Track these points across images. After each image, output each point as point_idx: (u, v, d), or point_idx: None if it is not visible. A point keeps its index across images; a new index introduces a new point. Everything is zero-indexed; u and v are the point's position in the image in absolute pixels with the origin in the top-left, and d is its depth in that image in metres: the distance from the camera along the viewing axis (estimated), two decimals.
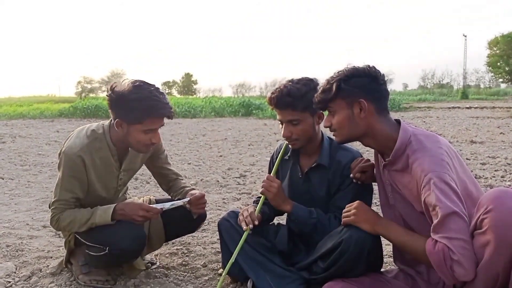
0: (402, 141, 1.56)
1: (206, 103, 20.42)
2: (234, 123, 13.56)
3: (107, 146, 2.00)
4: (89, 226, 1.96)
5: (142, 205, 2.02)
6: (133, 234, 1.98)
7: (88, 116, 15.65)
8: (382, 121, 1.61)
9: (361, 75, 1.60)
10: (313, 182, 2.00)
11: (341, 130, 1.65)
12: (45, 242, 2.78)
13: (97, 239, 1.98)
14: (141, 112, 1.85)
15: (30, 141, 8.69)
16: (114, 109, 1.92)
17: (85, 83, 67.87)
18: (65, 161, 1.94)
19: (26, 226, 3.16)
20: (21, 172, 5.40)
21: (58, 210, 1.98)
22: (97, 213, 1.96)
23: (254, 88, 66.19)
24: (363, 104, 1.57)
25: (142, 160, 2.22)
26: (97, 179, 2.02)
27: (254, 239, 1.99)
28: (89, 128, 2.02)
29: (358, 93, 1.58)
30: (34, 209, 3.66)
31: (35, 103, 24.88)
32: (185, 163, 6.02)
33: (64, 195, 1.97)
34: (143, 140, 1.93)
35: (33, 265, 2.38)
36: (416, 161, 1.50)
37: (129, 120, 1.89)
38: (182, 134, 9.98)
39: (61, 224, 1.99)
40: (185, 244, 2.71)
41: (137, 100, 1.83)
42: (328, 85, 1.62)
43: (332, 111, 1.65)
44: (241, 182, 4.68)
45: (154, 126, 1.92)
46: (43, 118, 15.75)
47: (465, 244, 1.35)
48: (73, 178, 1.96)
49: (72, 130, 2.08)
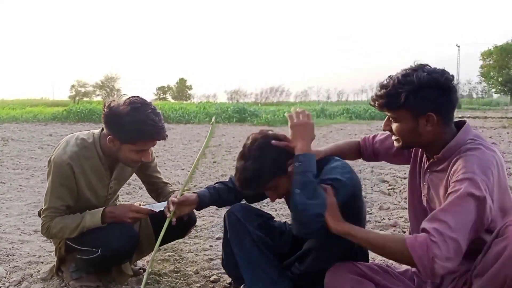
0: (458, 141, 1.48)
1: (200, 109, 20.42)
2: (228, 129, 13.56)
3: (97, 155, 2.01)
4: (80, 231, 1.97)
5: (131, 206, 2.04)
6: (124, 234, 1.99)
7: (82, 120, 15.59)
8: (446, 130, 1.51)
9: (433, 86, 1.45)
10: None
11: (404, 138, 1.56)
12: (36, 247, 2.77)
13: (88, 242, 1.98)
14: (136, 134, 1.87)
15: (22, 144, 8.64)
16: (108, 126, 1.93)
17: (79, 87, 67.67)
18: (54, 169, 1.95)
19: (17, 230, 3.14)
20: (13, 175, 5.37)
21: (48, 218, 1.99)
22: (87, 217, 1.97)
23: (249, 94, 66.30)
24: (432, 117, 1.47)
25: (133, 169, 2.22)
26: (87, 187, 2.02)
27: (257, 233, 1.95)
28: (79, 137, 2.03)
29: (428, 106, 1.46)
30: (25, 213, 3.64)
31: (28, 106, 24.72)
32: (179, 169, 6.01)
33: (54, 202, 1.97)
34: (133, 158, 1.96)
35: (24, 270, 2.37)
36: (463, 157, 1.42)
37: (122, 140, 1.90)
38: (176, 140, 9.97)
39: (52, 231, 1.99)
40: (177, 251, 2.70)
41: (133, 122, 1.83)
42: (395, 91, 1.48)
43: (393, 118, 1.55)
44: None
45: (146, 147, 1.95)
46: (36, 121, 15.65)
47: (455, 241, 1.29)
48: (63, 186, 1.96)
49: (65, 134, 2.09)
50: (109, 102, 1.91)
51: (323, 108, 22.04)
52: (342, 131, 12.40)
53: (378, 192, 4.40)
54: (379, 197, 4.17)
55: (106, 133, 1.95)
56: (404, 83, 1.47)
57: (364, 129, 12.71)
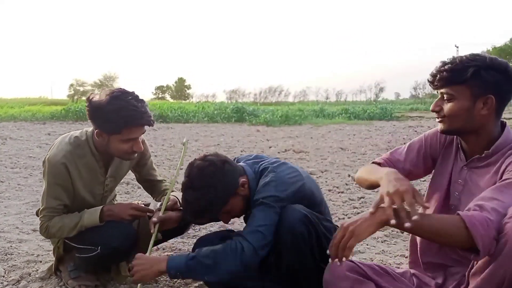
0: (506, 139, 1.48)
1: (199, 108, 20.42)
2: (227, 129, 13.56)
3: (91, 153, 2.01)
4: (79, 229, 1.97)
5: (130, 204, 2.05)
6: (123, 232, 1.99)
7: (80, 119, 15.57)
8: (495, 123, 1.50)
9: (501, 70, 1.43)
10: None
11: (453, 120, 1.51)
12: (35, 246, 2.77)
13: (87, 240, 1.98)
14: (118, 122, 1.85)
15: (21, 143, 8.63)
16: (93, 120, 1.93)
17: (78, 86, 67.61)
18: (49, 169, 1.95)
19: (15, 229, 3.14)
20: (12, 174, 5.37)
21: (46, 218, 1.99)
22: (85, 216, 1.97)
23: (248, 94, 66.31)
24: (491, 100, 1.44)
25: (129, 166, 2.22)
26: (82, 186, 2.02)
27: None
28: (72, 135, 2.03)
29: (491, 87, 1.44)
30: (24, 212, 3.64)
31: (26, 105, 24.72)
32: (175, 168, 6.00)
33: (51, 202, 1.98)
34: (124, 149, 1.94)
35: (22, 269, 2.37)
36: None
37: (107, 131, 1.90)
38: (175, 139, 9.97)
39: (50, 231, 1.99)
40: (175, 250, 2.71)
41: (114, 111, 1.83)
42: (462, 65, 1.45)
43: (449, 96, 1.50)
44: None
45: (134, 135, 1.92)
46: (34, 120, 15.64)
47: None
48: (58, 185, 1.96)
49: (63, 133, 2.08)
50: (90, 96, 1.92)
51: (322, 108, 22.05)
52: (340, 131, 12.41)
53: (376, 192, 4.40)
54: (375, 197, 4.16)
55: (94, 128, 1.95)
56: (473, 59, 1.45)
57: (362, 129, 12.72)
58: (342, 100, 78.19)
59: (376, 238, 2.96)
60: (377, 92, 78.16)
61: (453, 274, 1.61)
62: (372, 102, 51.72)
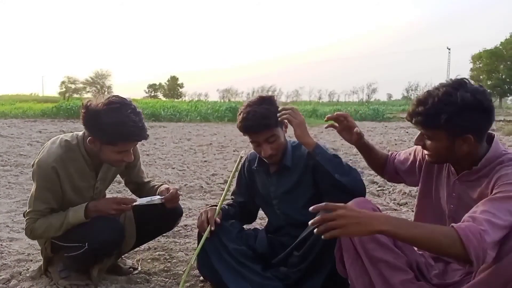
0: (494, 153, 1.48)
1: (191, 107, 20.38)
2: (219, 128, 13.56)
3: (81, 157, 2.00)
4: (65, 228, 1.96)
5: (115, 199, 2.05)
6: (110, 226, 2.00)
7: (72, 117, 15.46)
8: (481, 146, 1.50)
9: (476, 109, 1.40)
10: (281, 183, 2.09)
11: (437, 155, 1.55)
12: (25, 245, 2.75)
13: (74, 238, 1.98)
14: (117, 136, 1.85)
15: (11, 141, 8.56)
16: (87, 127, 1.92)
17: (69, 83, 66.99)
18: (39, 172, 1.94)
19: (6, 228, 3.12)
20: (2, 172, 5.32)
21: (32, 220, 1.98)
22: (70, 214, 1.97)
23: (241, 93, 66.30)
24: (469, 139, 1.44)
25: (119, 169, 2.22)
26: (72, 190, 2.01)
27: (234, 247, 2.02)
28: (63, 139, 2.02)
29: (467, 128, 1.43)
30: (14, 211, 3.62)
31: (17, 102, 24.51)
32: (169, 167, 6.00)
33: (38, 205, 1.97)
34: (115, 159, 1.95)
35: (13, 268, 2.36)
36: (502, 172, 1.42)
37: (102, 141, 1.89)
38: (167, 138, 9.95)
39: (36, 232, 1.99)
40: (167, 250, 2.71)
41: (112, 124, 1.81)
42: (434, 111, 1.42)
43: (427, 136, 1.53)
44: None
45: (128, 148, 1.94)
46: (25, 117, 15.50)
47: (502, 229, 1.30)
48: (47, 189, 1.95)
49: (55, 130, 2.09)
50: (86, 102, 1.88)
51: (315, 109, 22.13)
52: (333, 131, 12.35)
53: (368, 194, 4.43)
54: (368, 199, 4.19)
55: (87, 134, 1.94)
56: (446, 103, 1.41)
57: None
58: (335, 100, 78.35)
59: None
60: (370, 93, 78.46)
61: (454, 270, 1.64)
62: (364, 103, 51.92)
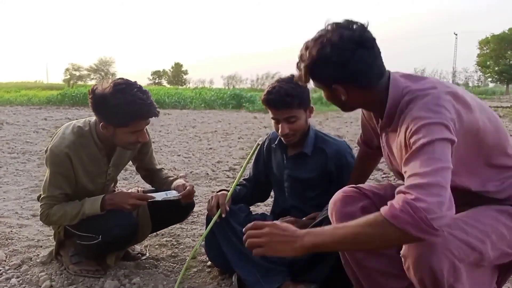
0: (393, 100, 1.37)
1: (196, 94, 20.34)
2: (224, 115, 13.55)
3: (94, 143, 2.02)
4: (80, 218, 1.99)
5: (131, 193, 2.07)
6: (124, 222, 2.02)
7: (77, 104, 15.51)
8: (372, 91, 1.40)
9: (327, 61, 1.34)
10: (297, 168, 2.11)
11: (334, 103, 1.49)
12: (35, 231, 2.80)
13: (88, 228, 2.01)
14: (126, 116, 1.86)
15: (17, 128, 8.61)
16: (97, 113, 1.93)
17: (74, 70, 67.11)
18: (52, 158, 1.96)
19: (15, 214, 3.16)
20: (9, 160, 5.37)
21: (47, 206, 2.01)
22: (86, 205, 1.99)
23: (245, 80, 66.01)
24: (338, 90, 1.39)
25: (131, 155, 2.25)
26: (84, 175, 2.04)
27: (241, 229, 2.03)
28: (76, 125, 2.04)
29: (328, 81, 1.39)
30: (23, 198, 3.66)
31: (22, 89, 24.57)
32: (175, 155, 6.03)
33: (52, 191, 2.00)
34: (130, 140, 1.96)
35: (23, 254, 2.40)
36: (408, 112, 1.30)
37: (114, 124, 1.90)
38: (172, 126, 9.97)
39: (51, 219, 2.02)
40: (174, 236, 2.74)
41: (121, 105, 1.82)
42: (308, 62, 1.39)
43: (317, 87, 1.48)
44: (231, 175, 4.72)
45: (141, 127, 1.95)
46: (30, 105, 15.56)
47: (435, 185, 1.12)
48: (60, 175, 1.98)
49: (60, 118, 2.11)
50: (93, 87, 1.90)
51: (320, 96, 22.01)
52: (338, 118, 12.43)
53: (373, 180, 4.44)
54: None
55: (98, 120, 1.96)
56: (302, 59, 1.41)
57: (359, 117, 12.72)
58: None
59: None
60: None
61: None
62: None
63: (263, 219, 2.20)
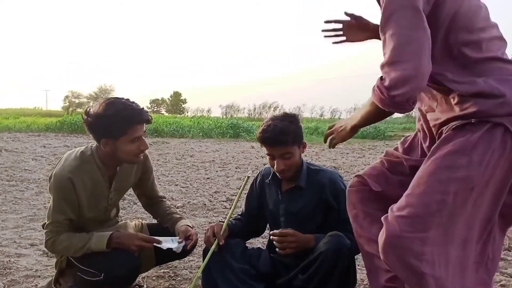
0: None
1: (194, 123, 20.50)
2: (222, 144, 13.64)
3: (96, 167, 2.09)
4: (84, 251, 2.03)
5: (137, 235, 2.11)
6: (128, 263, 2.05)
7: (75, 132, 15.60)
8: None
9: None
10: (292, 202, 2.17)
11: None
12: (33, 261, 2.81)
13: (92, 264, 2.04)
14: (122, 123, 1.96)
15: (16, 155, 8.63)
16: (95, 131, 2.02)
17: (73, 98, 67.51)
18: (55, 184, 2.02)
19: (13, 243, 3.17)
20: (8, 187, 5.39)
21: (53, 232, 2.05)
22: (93, 240, 2.03)
23: (243, 109, 66.49)
24: None
25: (133, 180, 2.30)
26: (87, 200, 2.09)
27: (238, 266, 2.08)
28: (79, 151, 2.12)
29: None
30: (21, 226, 3.67)
31: (21, 115, 24.67)
32: (172, 184, 6.07)
33: (57, 217, 2.04)
34: (133, 150, 2.03)
35: (22, 284, 2.41)
36: None
37: (113, 136, 1.98)
38: (170, 154, 10.02)
39: (56, 247, 2.05)
40: (172, 268, 2.76)
41: (115, 114, 1.94)
42: None
43: None
44: (228, 206, 4.75)
45: (139, 133, 2.02)
46: (29, 131, 15.63)
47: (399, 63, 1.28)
48: (64, 200, 2.03)
49: (59, 145, 2.19)
50: (86, 109, 2.03)
51: (317, 126, 22.21)
52: (334, 149, 12.50)
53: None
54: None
55: (97, 139, 2.04)
56: None
57: (356, 148, 12.85)
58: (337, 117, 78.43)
59: None
60: None
61: None
62: None
63: (259, 253, 2.25)
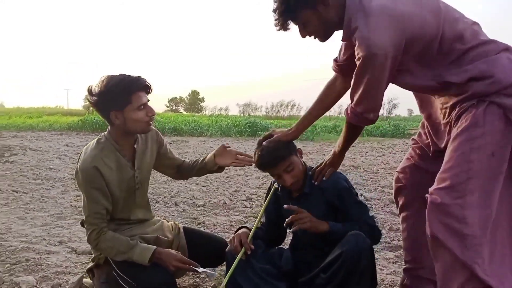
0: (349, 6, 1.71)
1: (212, 121, 20.65)
2: (240, 143, 13.71)
3: (114, 149, 2.14)
4: (125, 259, 2.06)
5: (177, 256, 2.11)
6: (163, 280, 2.05)
7: (97, 130, 15.88)
8: None
9: None
10: (302, 207, 2.15)
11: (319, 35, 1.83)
12: (63, 258, 2.92)
13: (129, 272, 2.07)
14: (124, 92, 2.02)
15: (40, 154, 8.87)
16: (102, 107, 2.07)
17: None
18: (83, 176, 2.06)
19: (43, 241, 3.29)
20: (34, 186, 5.56)
21: (94, 225, 2.07)
22: (136, 251, 2.06)
23: (260, 108, 66.47)
24: None
25: (152, 155, 2.32)
26: (116, 183, 2.12)
27: (260, 266, 2.12)
28: (94, 141, 2.18)
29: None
30: (49, 224, 3.80)
31: (44, 114, 25.24)
32: (193, 183, 6.15)
33: (93, 208, 2.06)
34: (141, 117, 2.07)
35: (53, 280, 2.52)
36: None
37: (119, 106, 2.04)
38: (189, 153, 10.14)
39: (100, 245, 2.08)
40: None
41: (115, 85, 2.01)
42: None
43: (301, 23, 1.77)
44: (248, 205, 4.81)
45: (143, 100, 2.07)
46: (52, 130, 15.99)
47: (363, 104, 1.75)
48: (95, 189, 2.06)
49: (81, 144, 2.27)
50: (88, 88, 2.08)
51: (336, 124, 22.11)
52: (353, 148, 12.43)
53: (388, 213, 4.47)
54: (389, 218, 4.23)
55: (106, 115, 2.09)
56: None
57: (375, 147, 12.77)
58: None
59: (387, 259, 3.04)
60: (390, 109, 77.61)
61: None
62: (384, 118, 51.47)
63: (281, 252, 2.28)
